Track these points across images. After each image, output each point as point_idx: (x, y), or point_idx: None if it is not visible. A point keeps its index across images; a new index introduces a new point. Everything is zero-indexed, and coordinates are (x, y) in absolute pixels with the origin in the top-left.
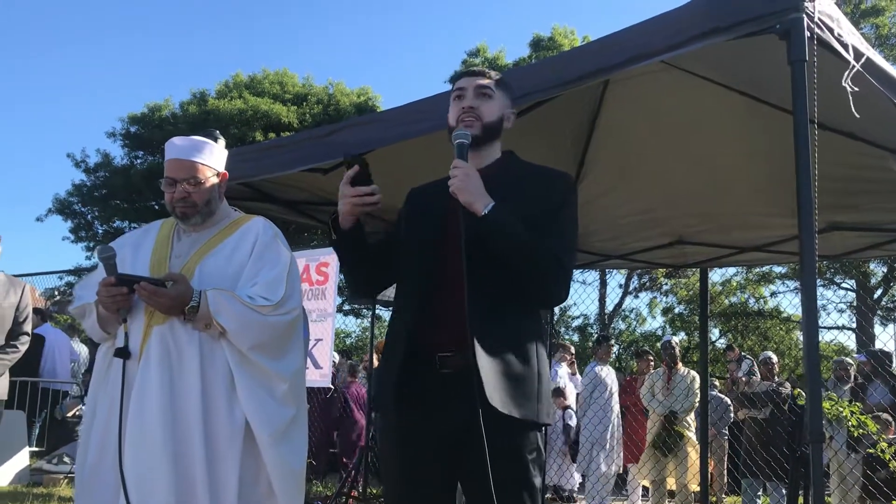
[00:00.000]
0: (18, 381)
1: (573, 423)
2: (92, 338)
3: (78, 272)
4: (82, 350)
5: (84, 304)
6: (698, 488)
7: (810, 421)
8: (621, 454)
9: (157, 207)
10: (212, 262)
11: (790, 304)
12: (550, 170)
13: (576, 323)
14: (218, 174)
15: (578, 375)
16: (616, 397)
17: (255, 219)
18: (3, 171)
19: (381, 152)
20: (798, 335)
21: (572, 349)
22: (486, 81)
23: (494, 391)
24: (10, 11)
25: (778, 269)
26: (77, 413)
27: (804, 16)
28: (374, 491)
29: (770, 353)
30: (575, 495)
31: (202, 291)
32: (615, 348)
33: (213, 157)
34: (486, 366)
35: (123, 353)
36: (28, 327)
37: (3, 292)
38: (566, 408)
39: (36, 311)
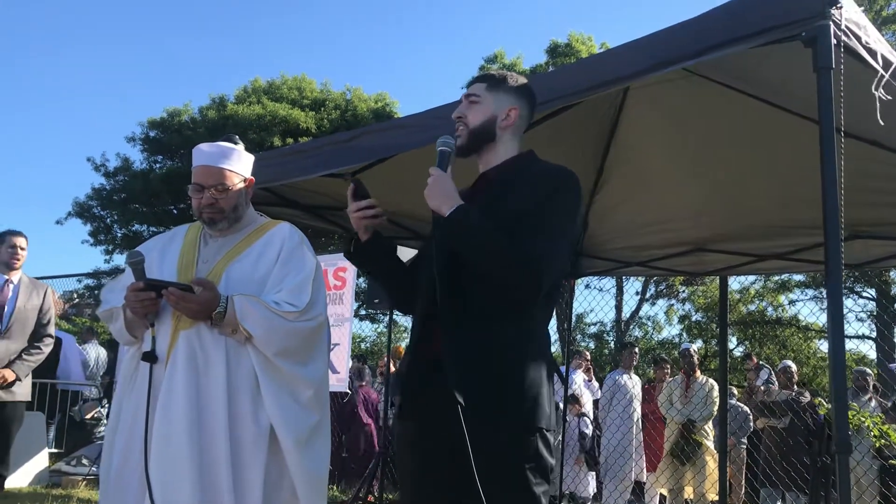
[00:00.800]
0: (38, 382)
1: (588, 430)
2: (119, 341)
3: (97, 275)
4: (101, 353)
5: (112, 308)
6: (716, 497)
7: (836, 432)
8: (641, 461)
9: (175, 212)
10: (238, 267)
11: (810, 312)
12: (552, 166)
13: (592, 330)
14: (245, 180)
15: (595, 382)
16: (638, 404)
17: (280, 224)
18: (24, 174)
19: (403, 159)
20: (816, 344)
21: (588, 355)
22: (474, 87)
23: (464, 393)
24: (30, 15)
25: (797, 278)
26: (95, 415)
27: (831, 23)
28: (391, 496)
29: (789, 362)
30: (589, 503)
31: (229, 297)
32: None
33: (240, 164)
34: (457, 369)
35: (150, 357)
36: (51, 329)
37: (26, 294)
38: (581, 415)
39: None
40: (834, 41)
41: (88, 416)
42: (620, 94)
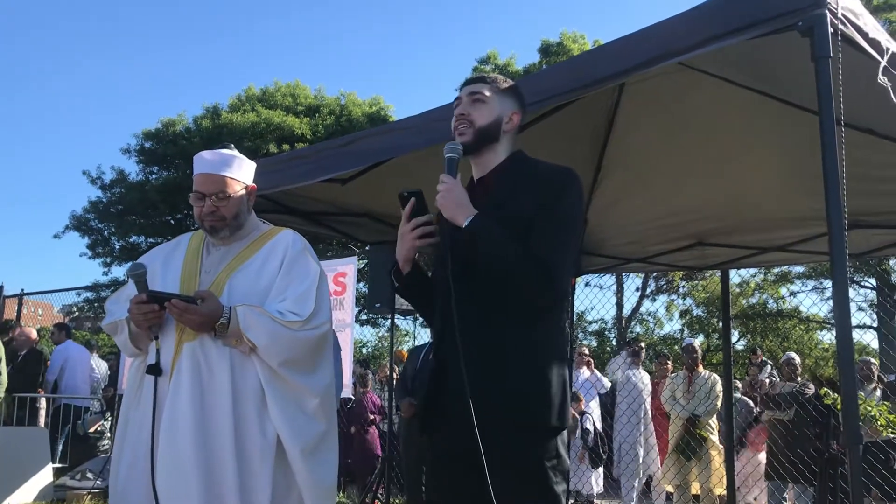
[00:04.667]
0: (44, 397)
1: (591, 427)
2: (124, 353)
3: (95, 288)
4: (101, 365)
5: (116, 321)
6: (723, 492)
7: (846, 423)
8: (654, 457)
9: (172, 222)
10: (241, 277)
11: (813, 303)
12: (551, 166)
13: (593, 327)
14: (246, 187)
15: (598, 374)
16: (647, 400)
17: (283, 231)
18: (22, 190)
19: (401, 162)
20: (818, 335)
21: (586, 351)
22: (478, 87)
23: (488, 399)
24: (26, 34)
25: (797, 269)
26: (98, 428)
27: (827, 12)
28: (397, 501)
29: (793, 354)
30: (595, 501)
31: (232, 308)
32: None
33: (241, 171)
34: (477, 376)
35: (155, 370)
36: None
37: None
38: (582, 413)
39: (60, 326)
40: (831, 30)
41: (92, 430)
42: (616, 89)
